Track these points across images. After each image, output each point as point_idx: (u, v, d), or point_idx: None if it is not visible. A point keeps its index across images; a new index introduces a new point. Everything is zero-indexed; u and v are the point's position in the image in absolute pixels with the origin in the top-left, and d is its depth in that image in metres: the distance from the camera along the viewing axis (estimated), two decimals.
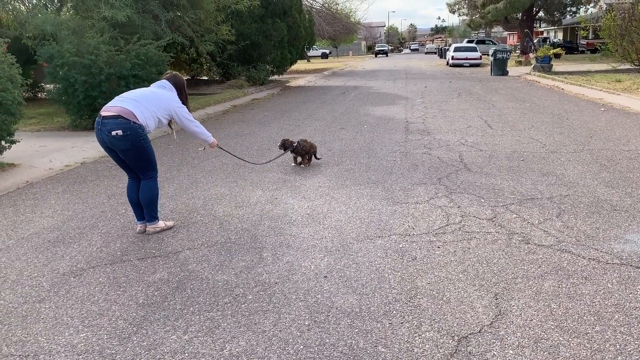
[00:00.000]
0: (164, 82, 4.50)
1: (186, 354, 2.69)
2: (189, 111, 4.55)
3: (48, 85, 12.54)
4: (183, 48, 15.42)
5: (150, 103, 4.24)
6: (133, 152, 4.18)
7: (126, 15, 11.09)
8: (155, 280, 3.57)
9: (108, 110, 4.16)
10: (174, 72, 4.67)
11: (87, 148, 8.33)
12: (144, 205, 4.39)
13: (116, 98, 4.31)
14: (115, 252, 4.09)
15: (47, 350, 2.78)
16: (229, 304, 3.20)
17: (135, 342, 2.83)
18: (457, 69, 28.99)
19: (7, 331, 2.99)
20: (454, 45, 35.42)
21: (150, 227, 4.45)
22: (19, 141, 7.23)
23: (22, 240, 4.46)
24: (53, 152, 8.01)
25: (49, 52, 9.60)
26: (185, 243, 4.24)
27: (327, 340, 2.76)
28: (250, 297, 3.28)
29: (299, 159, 6.79)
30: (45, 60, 9.83)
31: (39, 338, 2.91)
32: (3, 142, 6.85)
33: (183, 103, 4.50)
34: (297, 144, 6.60)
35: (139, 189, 4.38)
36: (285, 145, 6.53)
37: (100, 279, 3.61)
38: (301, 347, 2.72)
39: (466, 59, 31.07)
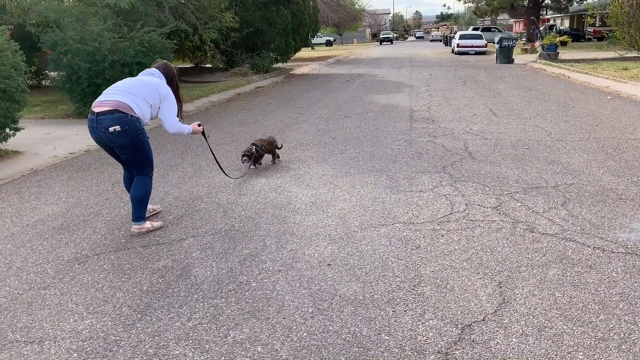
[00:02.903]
0: (152, 70, 4.30)
1: (190, 341, 2.70)
2: (181, 108, 4.36)
3: (52, 73, 12.55)
4: (187, 35, 15.34)
5: (142, 91, 4.04)
6: (132, 148, 4.00)
7: (129, 3, 11.04)
8: (159, 267, 3.58)
9: (101, 105, 3.93)
10: (164, 61, 4.45)
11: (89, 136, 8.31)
12: (134, 203, 4.16)
13: (106, 92, 4.06)
14: (120, 240, 4.10)
15: (52, 337, 2.80)
16: (233, 292, 3.21)
17: (139, 328, 2.84)
18: (463, 57, 28.79)
19: (13, 317, 3.01)
20: (459, 33, 35.17)
21: (136, 227, 4.17)
22: (23, 129, 7.23)
23: (26, 227, 4.47)
24: (57, 139, 8.02)
25: (52, 40, 9.57)
26: (189, 231, 4.25)
27: (331, 328, 2.77)
28: (254, 285, 3.28)
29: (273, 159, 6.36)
30: (48, 47, 9.81)
31: (44, 324, 2.92)
32: (7, 130, 6.86)
33: (174, 95, 4.29)
34: (255, 147, 6.00)
35: (133, 185, 4.20)
36: (250, 156, 5.96)
37: (105, 266, 3.63)
38: (305, 334, 2.73)
39: (472, 46, 30.83)
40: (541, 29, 30.07)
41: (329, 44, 58.90)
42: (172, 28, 11.98)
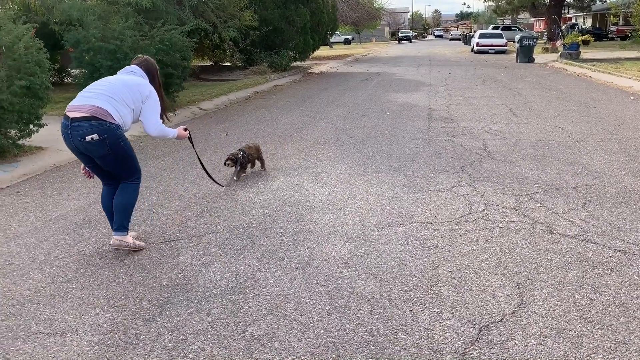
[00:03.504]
0: (133, 68, 3.89)
1: (209, 336, 2.74)
2: (162, 111, 3.94)
3: (74, 70, 12.72)
4: (206, 34, 15.44)
5: (123, 94, 3.62)
6: (112, 157, 3.60)
7: (151, 1, 11.16)
8: (178, 262, 3.63)
9: (77, 110, 3.51)
10: (145, 56, 4.04)
11: None
12: (118, 211, 3.74)
13: (82, 94, 3.62)
14: (140, 235, 4.16)
15: (74, 329, 2.85)
16: (251, 288, 3.24)
17: (159, 322, 2.88)
18: (482, 56, 28.54)
19: (36, 309, 3.07)
20: (479, 32, 34.85)
21: (116, 239, 3.75)
22: (46, 125, 7.35)
23: (49, 221, 4.56)
24: None
25: (75, 37, 9.71)
26: (208, 227, 4.29)
27: (348, 326, 2.78)
28: (271, 282, 3.31)
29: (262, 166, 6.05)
30: (71, 45, 9.95)
31: (67, 317, 2.98)
32: (31, 126, 6.98)
33: (157, 93, 3.90)
34: (243, 153, 5.66)
35: (117, 191, 3.80)
36: (236, 160, 5.58)
37: (125, 261, 3.69)
38: (322, 331, 2.74)
39: (491, 45, 30.53)
40: (563, 27, 29.66)
41: (347, 42, 58.79)
42: (193, 26, 12.07)
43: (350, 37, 60.53)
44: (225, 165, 5.56)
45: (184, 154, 6.97)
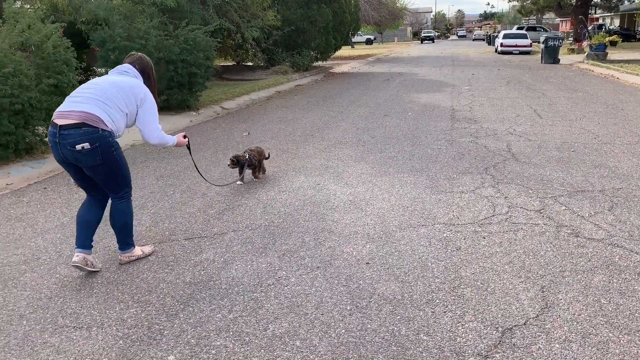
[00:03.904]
0: (126, 67, 3.57)
1: (231, 333, 2.76)
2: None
3: (100, 69, 12.94)
4: (229, 34, 15.57)
5: (115, 98, 3.32)
6: (104, 168, 3.33)
7: (175, 1, 11.28)
8: (201, 260, 3.67)
9: (66, 116, 3.21)
10: (139, 54, 3.73)
11: (136, 131, 8.54)
12: (118, 231, 3.60)
13: (70, 99, 3.33)
14: (164, 232, 4.21)
15: (100, 323, 2.90)
16: (272, 286, 3.25)
17: (182, 318, 2.92)
18: (506, 57, 28.20)
19: (63, 303, 3.13)
20: (503, 32, 34.46)
21: (125, 256, 3.64)
22: None
23: (75, 218, 4.63)
24: None
25: (101, 37, 9.87)
26: (230, 225, 4.32)
27: (369, 326, 2.78)
28: (292, 280, 3.32)
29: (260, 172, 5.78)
30: (97, 44, 10.12)
31: (92, 311, 3.04)
32: None
33: (151, 92, 3.60)
34: (249, 156, 5.48)
35: (111, 212, 3.57)
36: (240, 162, 5.42)
37: (150, 257, 3.74)
38: (343, 331, 2.74)
39: (516, 46, 30.16)
40: (589, 28, 29.12)
41: (369, 42, 58.65)
42: (216, 26, 12.17)
43: (372, 37, 60.37)
44: (231, 167, 5.43)
45: (207, 152, 7.03)
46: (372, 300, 3.04)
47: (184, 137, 3.98)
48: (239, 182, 5.45)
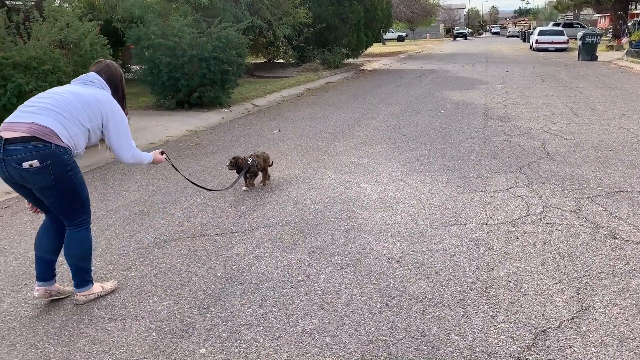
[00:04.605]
0: (91, 76, 3.09)
1: (261, 327, 2.78)
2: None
3: (134, 67, 13.19)
4: (261, 31, 15.68)
5: (75, 110, 2.88)
6: (56, 191, 2.84)
7: None
8: (232, 255, 3.71)
9: (12, 128, 2.75)
10: (107, 61, 3.25)
11: (170, 127, 8.71)
12: (72, 265, 3.06)
13: (21, 108, 2.87)
14: (196, 227, 4.27)
15: (133, 315, 2.96)
16: (302, 282, 3.26)
17: (213, 312, 2.96)
18: (542, 54, 27.59)
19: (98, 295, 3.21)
20: (538, 29, 33.71)
21: (81, 295, 3.09)
22: None
23: (110, 211, 4.75)
24: (138, 130, 8.42)
25: (136, 35, 10.06)
26: (261, 221, 4.36)
27: (399, 325, 2.76)
28: (322, 277, 3.32)
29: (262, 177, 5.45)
30: (132, 42, 10.33)
31: (126, 303, 3.11)
32: None
33: (120, 105, 3.13)
34: (252, 161, 5.19)
35: (65, 242, 3.05)
36: (239, 166, 5.11)
37: (182, 251, 3.80)
38: (373, 328, 2.74)
39: (551, 42, 29.46)
40: (629, 24, 28.22)
41: (400, 39, 58.20)
42: (248, 24, 12.27)
43: (403, 34, 59.89)
44: (229, 168, 5.17)
45: (238, 149, 7.09)
46: (403, 299, 3.02)
47: (162, 153, 3.49)
48: (244, 188, 5.22)
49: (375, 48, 34.65)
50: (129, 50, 11.33)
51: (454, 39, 63.36)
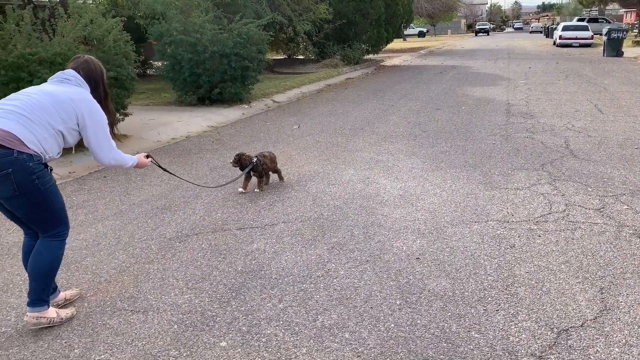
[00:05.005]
0: (67, 74, 2.88)
1: (281, 322, 2.80)
2: (110, 126, 2.98)
3: (156, 63, 13.33)
4: (281, 27, 15.70)
5: (45, 112, 2.67)
6: (23, 201, 2.63)
7: None
8: (252, 249, 3.73)
9: None
10: (86, 56, 2.99)
11: (191, 123, 8.78)
12: (33, 276, 2.78)
13: None
14: (217, 221, 4.31)
15: (155, 308, 3.01)
16: (322, 278, 3.27)
17: (234, 306, 2.98)
18: (565, 50, 27.12)
19: (121, 288, 3.27)
20: (562, 24, 33.14)
21: (33, 315, 2.78)
22: (131, 114, 7.76)
23: (133, 205, 4.82)
24: (160, 125, 8.52)
25: (158, 31, 10.16)
26: (281, 216, 4.37)
27: (419, 321, 2.75)
28: (341, 273, 3.33)
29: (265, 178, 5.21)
30: (155, 38, 10.43)
31: (148, 296, 3.15)
32: (117, 115, 7.39)
33: (101, 105, 2.91)
34: (257, 160, 4.99)
35: (34, 250, 2.82)
36: (242, 163, 4.94)
37: (203, 246, 3.84)
38: (392, 325, 2.73)
39: (576, 38, 28.94)
40: None
41: (421, 35, 57.71)
42: (269, 20, 12.29)
43: (424, 30, 59.39)
44: (232, 165, 5.02)
45: (258, 144, 7.13)
46: (422, 296, 3.01)
47: (147, 156, 3.28)
48: (240, 190, 5.03)
49: (396, 44, 34.45)
50: (151, 47, 11.44)
51: (476, 35, 62.63)
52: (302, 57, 22.47)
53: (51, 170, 2.76)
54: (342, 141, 7.16)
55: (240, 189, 5.06)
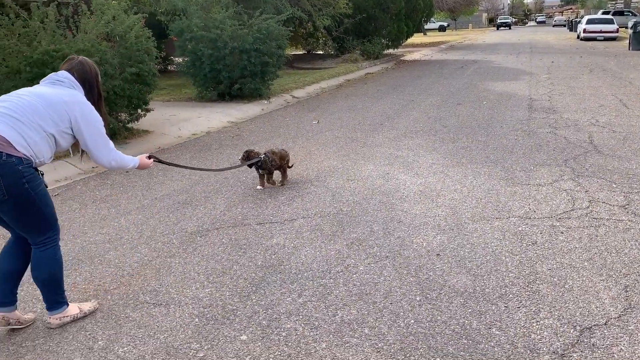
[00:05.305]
0: (61, 75, 2.80)
1: (300, 316, 2.81)
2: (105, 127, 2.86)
3: (177, 59, 13.44)
4: (301, 22, 15.71)
5: (37, 114, 2.60)
6: (12, 205, 2.56)
7: None
8: (272, 244, 3.75)
9: None
10: (80, 58, 2.92)
11: (212, 118, 8.85)
12: (42, 286, 2.79)
13: None
14: (237, 216, 4.34)
15: (177, 301, 3.05)
16: (341, 273, 3.28)
17: (254, 300, 3.01)
18: (589, 43, 26.60)
19: (143, 281, 3.31)
20: (586, 17, 32.49)
21: (55, 317, 2.83)
22: (153, 110, 7.84)
23: (155, 200, 4.88)
24: (181, 121, 8.61)
25: (179, 27, 10.24)
26: (300, 212, 4.39)
27: (439, 318, 2.74)
28: (361, 269, 3.33)
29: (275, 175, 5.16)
30: (175, 34, 10.52)
31: (170, 289, 3.19)
32: (139, 110, 7.48)
33: (95, 107, 2.84)
34: (265, 156, 4.88)
35: (32, 262, 2.77)
36: (250, 159, 4.85)
37: (223, 240, 3.87)
38: (412, 321, 2.73)
39: (600, 32, 28.36)
40: None
41: (442, 29, 57.19)
42: (289, 15, 12.30)
43: (445, 24, 58.82)
44: (241, 161, 4.89)
45: (277, 140, 7.15)
46: (443, 292, 3.00)
47: (149, 157, 3.21)
48: (258, 187, 5.03)
49: (416, 38, 34.18)
50: (172, 43, 11.53)
51: (497, 29, 61.73)
52: (321, 52, 22.45)
53: (42, 174, 2.69)
54: (362, 136, 7.15)
55: (259, 187, 5.05)
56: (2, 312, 2.77)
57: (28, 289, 3.23)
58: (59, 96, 2.68)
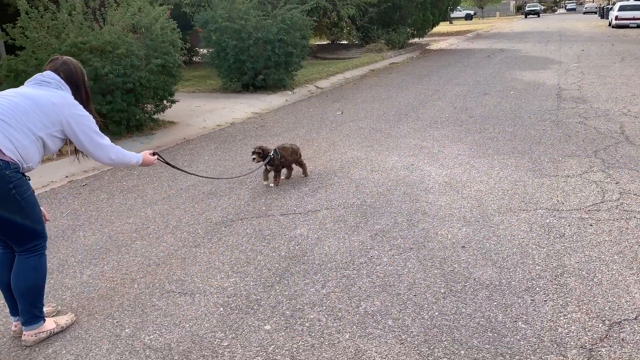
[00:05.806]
0: (46, 76, 2.68)
1: (324, 307, 2.82)
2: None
3: (202, 50, 13.52)
4: (325, 12, 15.63)
5: (25, 117, 2.49)
6: None
7: None
8: (295, 235, 3.76)
9: None
10: (64, 57, 2.80)
11: (236, 109, 8.89)
12: (20, 297, 2.65)
13: None
14: (261, 207, 4.36)
15: (202, 290, 3.08)
16: (365, 264, 3.27)
17: (277, 290, 3.02)
18: (622, 31, 25.85)
19: (169, 270, 3.36)
20: (618, 4, 31.52)
21: (30, 334, 2.68)
22: (178, 101, 7.91)
23: (180, 190, 4.93)
24: (206, 112, 8.67)
25: (204, 18, 10.29)
26: (323, 203, 4.38)
27: (464, 310, 2.72)
28: (385, 260, 3.31)
29: (282, 172, 5.02)
30: (200, 25, 10.57)
31: (195, 279, 3.23)
32: (165, 102, 7.56)
33: (85, 107, 2.73)
34: (274, 153, 4.78)
35: (13, 270, 2.64)
36: (265, 154, 4.75)
37: (248, 230, 3.90)
38: (436, 313, 2.71)
39: (633, 18, 27.49)
40: None
41: (468, 17, 56.26)
42: (313, 5, 12.24)
43: (472, 12, 57.84)
44: (252, 160, 4.76)
45: (300, 131, 7.15)
46: (468, 285, 2.96)
47: (153, 154, 3.17)
48: (271, 184, 4.90)
49: (442, 27, 33.70)
50: (197, 34, 11.60)
51: (525, 17, 60.47)
52: (345, 42, 22.33)
53: (29, 179, 2.59)
54: (386, 127, 7.09)
55: (265, 182, 4.91)
56: (15, 321, 2.76)
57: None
58: (47, 98, 2.58)
